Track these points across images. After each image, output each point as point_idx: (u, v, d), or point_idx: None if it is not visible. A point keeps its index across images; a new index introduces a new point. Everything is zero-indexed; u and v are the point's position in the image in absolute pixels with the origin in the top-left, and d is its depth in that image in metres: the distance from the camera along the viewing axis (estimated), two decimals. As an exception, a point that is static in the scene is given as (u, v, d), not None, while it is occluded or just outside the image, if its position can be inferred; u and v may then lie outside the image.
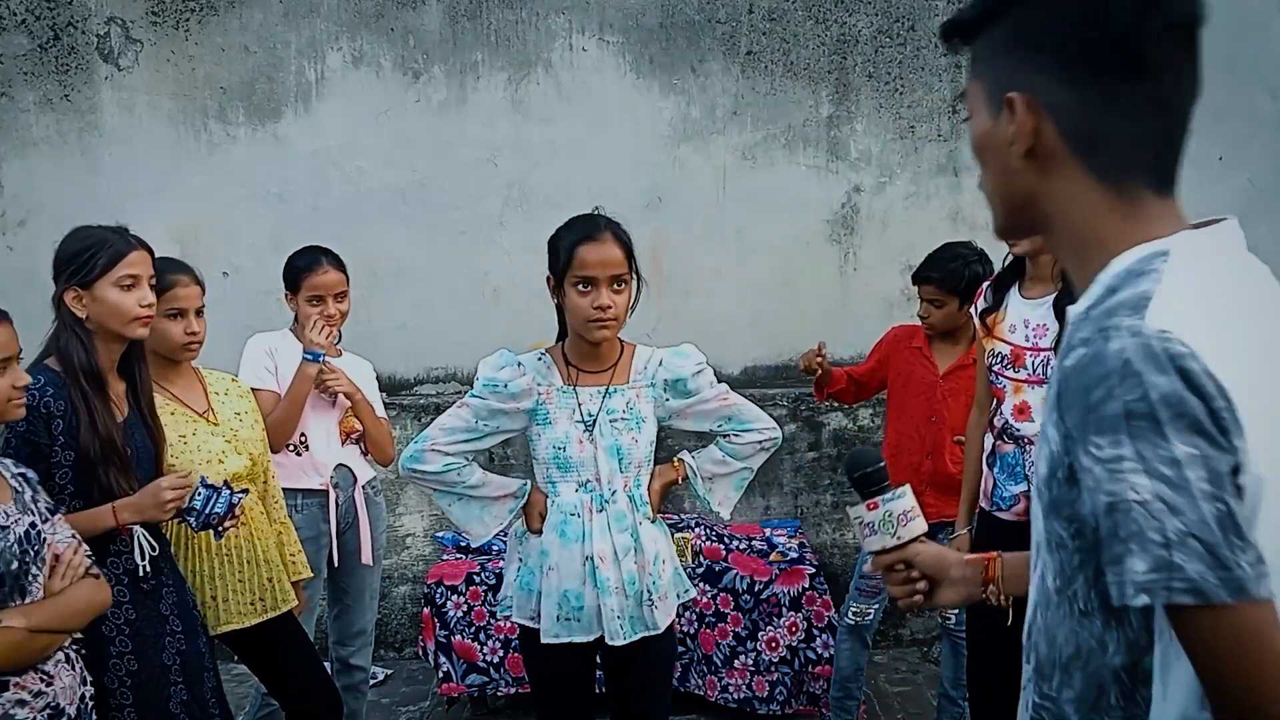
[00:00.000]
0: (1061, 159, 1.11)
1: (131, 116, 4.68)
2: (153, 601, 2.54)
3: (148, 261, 2.55)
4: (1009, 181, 1.16)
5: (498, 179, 4.77)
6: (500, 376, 2.62)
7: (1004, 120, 1.12)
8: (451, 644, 4.06)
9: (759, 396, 4.64)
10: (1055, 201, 1.13)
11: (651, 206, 4.73)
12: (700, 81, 4.76)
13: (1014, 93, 1.11)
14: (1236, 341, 0.98)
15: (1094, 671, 1.12)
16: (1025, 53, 1.10)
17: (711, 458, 2.81)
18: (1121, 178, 1.10)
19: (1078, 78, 1.08)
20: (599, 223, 2.55)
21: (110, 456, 2.43)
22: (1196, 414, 0.93)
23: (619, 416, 2.63)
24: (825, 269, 4.90)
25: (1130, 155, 1.10)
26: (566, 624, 2.59)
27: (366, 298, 4.62)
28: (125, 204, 4.48)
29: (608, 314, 2.52)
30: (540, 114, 4.74)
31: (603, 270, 2.50)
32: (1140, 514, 0.94)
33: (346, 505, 3.51)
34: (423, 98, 4.73)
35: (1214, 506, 0.93)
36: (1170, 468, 0.93)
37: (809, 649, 3.98)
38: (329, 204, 4.74)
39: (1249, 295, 1.07)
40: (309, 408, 3.38)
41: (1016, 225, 1.21)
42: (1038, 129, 1.10)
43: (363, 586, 3.61)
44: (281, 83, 4.70)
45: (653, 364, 2.69)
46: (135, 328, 2.51)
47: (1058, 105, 1.09)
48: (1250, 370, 0.97)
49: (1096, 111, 1.08)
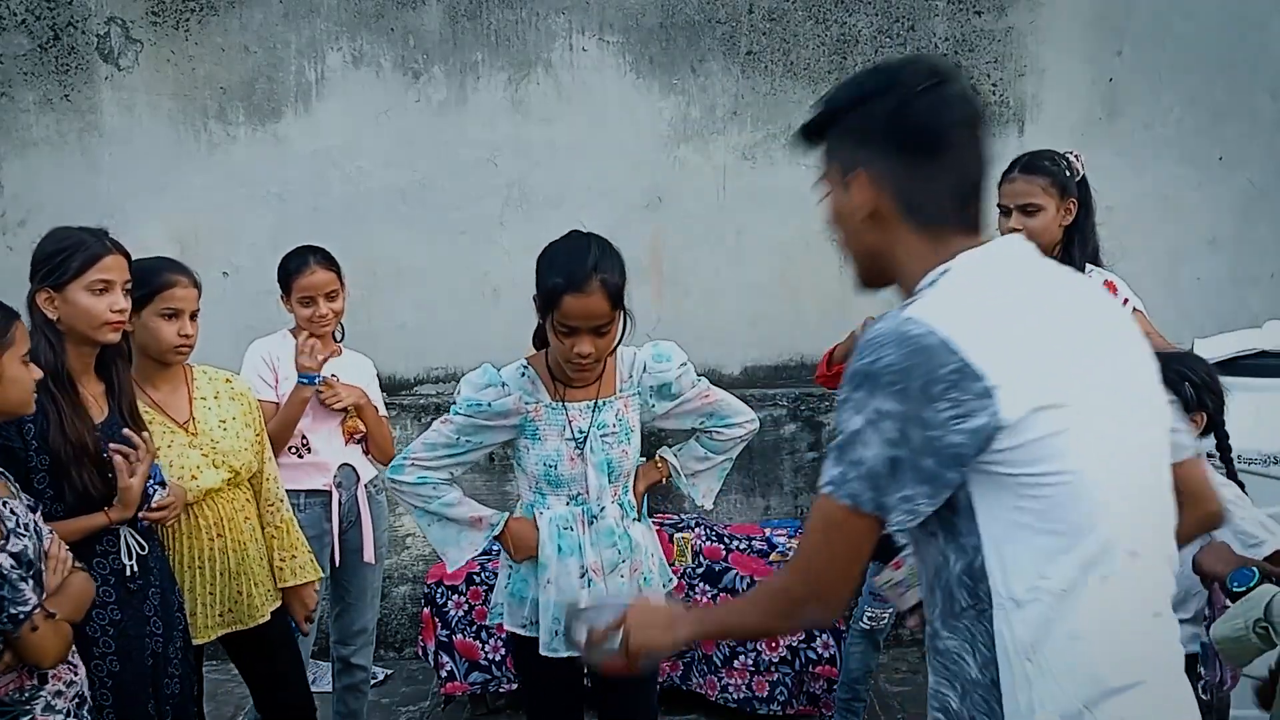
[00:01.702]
0: (893, 218, 1.47)
1: (131, 116, 4.71)
2: (138, 602, 2.53)
3: (123, 266, 2.52)
4: (859, 240, 1.52)
5: (498, 179, 4.79)
6: (483, 397, 2.59)
7: (852, 192, 1.48)
8: (453, 643, 4.10)
9: (759, 396, 4.69)
10: (894, 252, 1.48)
11: (651, 206, 4.77)
12: (700, 81, 4.79)
13: (858, 169, 1.47)
14: (985, 319, 1.33)
15: (944, 583, 1.42)
16: (859, 141, 1.47)
17: (694, 454, 2.84)
18: (934, 225, 1.45)
19: (898, 156, 1.44)
20: (587, 265, 2.41)
21: (81, 458, 2.40)
22: (907, 381, 1.30)
23: (610, 431, 2.62)
24: (826, 268, 4.88)
25: (938, 209, 1.45)
26: (564, 639, 2.55)
27: (366, 298, 4.63)
28: (125, 204, 4.55)
29: (586, 361, 2.48)
30: (540, 114, 4.77)
31: (585, 322, 2.43)
32: (844, 439, 1.37)
33: (349, 504, 3.53)
34: (423, 98, 4.76)
35: (889, 450, 1.32)
36: (874, 414, 1.33)
37: (809, 649, 4.00)
38: (329, 204, 4.76)
39: (1016, 276, 1.42)
40: (310, 411, 3.40)
41: (871, 276, 1.55)
42: (878, 195, 1.46)
43: (365, 586, 3.63)
44: (281, 83, 4.73)
45: (637, 370, 2.68)
46: (105, 332, 2.49)
47: (885, 177, 1.45)
48: (996, 337, 1.31)
49: (913, 180, 1.45)
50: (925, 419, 1.30)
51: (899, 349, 1.31)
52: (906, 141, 1.43)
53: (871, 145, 1.45)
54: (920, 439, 1.31)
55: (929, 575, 1.46)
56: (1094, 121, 4.78)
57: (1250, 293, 4.83)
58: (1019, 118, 4.81)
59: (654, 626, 1.74)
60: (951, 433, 1.30)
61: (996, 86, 4.80)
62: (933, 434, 1.30)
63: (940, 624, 1.44)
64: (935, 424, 1.30)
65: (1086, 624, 1.32)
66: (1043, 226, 3.02)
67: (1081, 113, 4.79)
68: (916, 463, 1.32)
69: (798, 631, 3.58)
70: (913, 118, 1.42)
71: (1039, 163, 3.08)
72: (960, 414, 1.29)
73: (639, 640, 1.74)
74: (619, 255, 2.52)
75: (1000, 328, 1.33)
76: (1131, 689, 1.34)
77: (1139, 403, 1.45)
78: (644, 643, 1.74)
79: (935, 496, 1.35)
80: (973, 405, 1.29)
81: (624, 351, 2.67)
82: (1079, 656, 1.33)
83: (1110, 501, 1.34)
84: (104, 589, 2.44)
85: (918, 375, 1.30)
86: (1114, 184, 4.06)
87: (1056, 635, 1.32)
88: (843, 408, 1.37)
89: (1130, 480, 1.38)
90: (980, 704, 1.39)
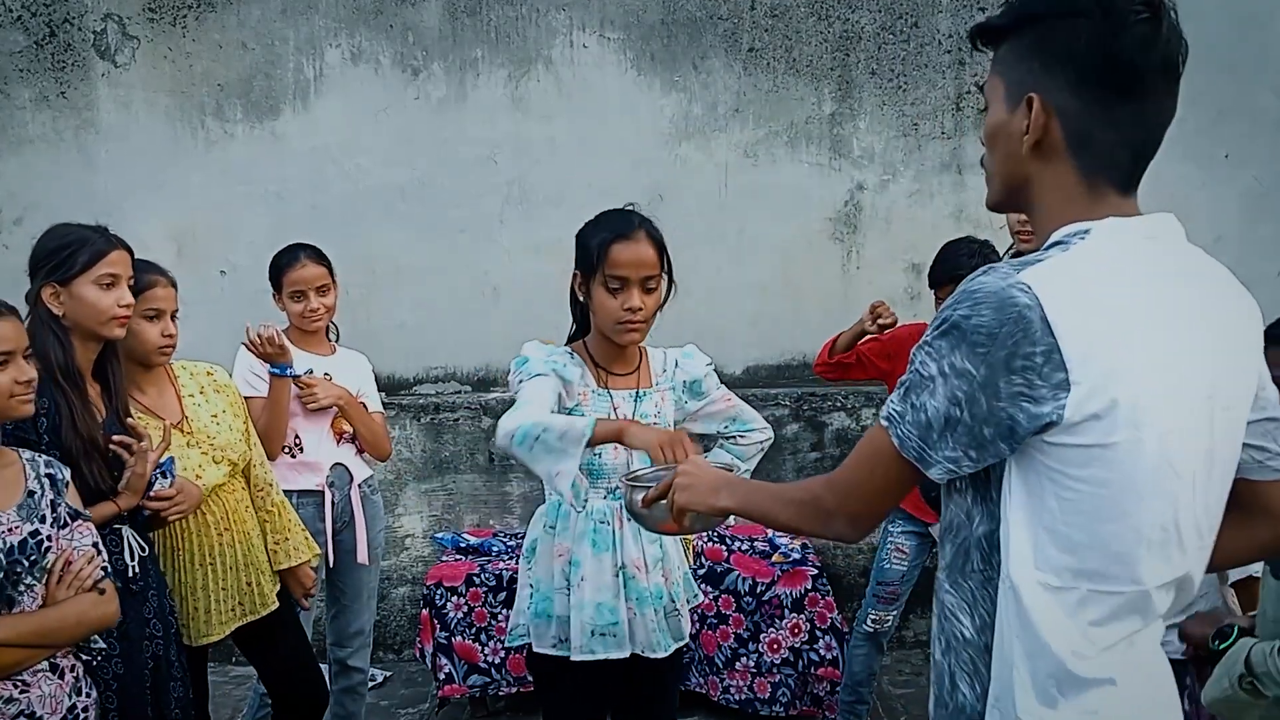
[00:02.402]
0: (1058, 153, 1.37)
1: (128, 113, 4.71)
2: (139, 604, 2.53)
3: (127, 261, 2.55)
4: (1013, 166, 1.41)
5: (498, 177, 4.79)
6: (554, 360, 2.49)
7: (1019, 114, 1.37)
8: (452, 645, 4.10)
9: (760, 396, 4.68)
10: (1044, 186, 1.40)
11: (652, 204, 4.61)
12: (702, 78, 4.79)
13: (1033, 93, 1.35)
14: (1097, 306, 1.27)
15: (962, 541, 1.42)
16: (1044, 61, 1.35)
17: (720, 462, 2.77)
18: (1096, 175, 1.37)
19: (1085, 89, 1.33)
20: (633, 220, 2.47)
21: (92, 453, 2.43)
22: (993, 347, 1.26)
23: (651, 421, 2.56)
24: (828, 267, 4.92)
25: (1109, 157, 1.36)
26: (601, 639, 2.48)
27: (365, 297, 4.67)
28: (122, 202, 4.54)
29: (637, 316, 2.45)
30: (541, 111, 4.77)
31: (635, 271, 2.43)
32: (915, 379, 1.34)
33: (343, 504, 3.52)
34: (422, 95, 4.76)
35: (951, 409, 1.30)
36: (949, 368, 1.29)
37: (812, 650, 4.01)
38: (327, 202, 4.76)
39: (1147, 271, 1.33)
40: (300, 410, 3.40)
41: (1009, 201, 1.48)
42: (1047, 125, 1.36)
43: (360, 587, 3.62)
44: (279, 80, 4.73)
45: (670, 365, 2.67)
46: (113, 327, 2.51)
47: (1064, 109, 1.34)
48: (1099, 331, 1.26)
49: (1094, 119, 1.34)
50: (998, 389, 1.27)
51: (998, 313, 1.25)
52: (1105, 75, 1.31)
53: (1060, 68, 1.33)
54: (985, 407, 1.28)
55: (944, 527, 1.46)
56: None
57: (1256, 291, 4.69)
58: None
59: (699, 487, 1.80)
60: (1015, 408, 1.27)
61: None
62: (998, 404, 1.27)
63: (945, 576, 1.45)
64: (1004, 396, 1.27)
65: (1059, 626, 1.32)
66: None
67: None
68: (974, 429, 1.30)
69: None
70: (1119, 50, 1.30)
71: None
72: (1030, 396, 1.26)
73: (684, 499, 1.82)
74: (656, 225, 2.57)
75: (1106, 322, 1.27)
76: (1098, 687, 1.33)
77: (1227, 433, 1.39)
78: (689, 501, 1.81)
79: (979, 463, 1.33)
80: (1044, 393, 1.26)
81: (654, 350, 2.67)
82: (1056, 649, 1.32)
83: (1137, 540, 1.31)
84: None
85: (1006, 345, 1.25)
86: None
87: (1037, 626, 1.32)
88: (922, 349, 1.34)
89: (1176, 521, 1.34)
90: (967, 663, 1.40)
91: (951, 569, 1.43)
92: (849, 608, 4.45)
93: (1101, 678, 1.33)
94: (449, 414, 4.81)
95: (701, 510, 1.82)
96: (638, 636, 2.52)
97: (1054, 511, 1.30)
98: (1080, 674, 1.32)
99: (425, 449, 4.82)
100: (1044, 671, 1.32)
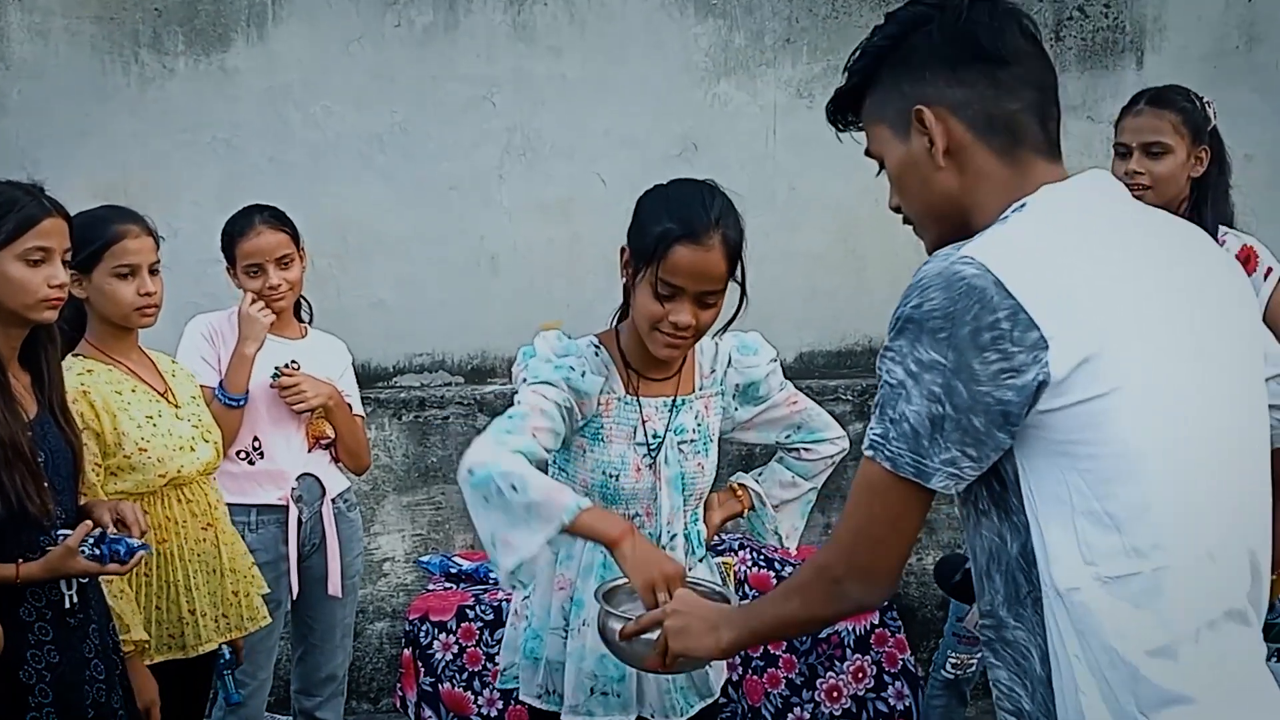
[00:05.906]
0: (971, 147, 1.55)
1: (45, 45, 4.62)
2: (77, 641, 2.50)
3: (64, 232, 2.50)
4: (934, 187, 1.58)
5: (496, 122, 4.74)
6: (569, 366, 2.41)
7: (916, 136, 1.56)
8: (439, 693, 4.06)
9: (816, 389, 4.65)
10: (971, 189, 1.56)
11: (685, 156, 4.70)
12: (745, 2, 4.74)
13: (917, 106, 1.54)
14: (1049, 261, 1.41)
15: (1005, 567, 1.50)
16: (913, 78, 1.56)
17: (779, 480, 2.73)
18: (1015, 149, 1.55)
19: (964, 73, 1.53)
20: (710, 215, 2.33)
21: (14, 461, 2.37)
22: (953, 327, 1.38)
23: (688, 438, 2.51)
24: (897, 232, 4.71)
25: (1020, 127, 1.55)
26: (603, 699, 2.43)
27: (336, 269, 4.63)
28: (37, 152, 4.47)
29: (682, 333, 2.35)
30: (547, 42, 4.72)
31: (694, 283, 2.32)
32: (886, 393, 1.46)
33: (312, 524, 3.50)
34: (403, 22, 4.69)
35: (932, 407, 1.41)
36: (916, 365, 1.41)
37: (879, 699, 4.07)
38: (289, 153, 4.70)
39: (1103, 223, 1.51)
40: (264, 407, 3.38)
41: (946, 231, 1.58)
42: (947, 128, 1.54)
43: (332, 623, 3.62)
44: (230, 3, 4.65)
45: (720, 363, 2.60)
46: (41, 310, 2.46)
47: (955, 103, 1.54)
48: (1058, 282, 1.39)
49: (986, 96, 1.54)
50: (974, 371, 1.38)
51: (946, 291, 1.38)
52: (975, 50, 1.53)
53: (930, 74, 1.54)
54: (967, 394, 1.39)
55: (987, 558, 1.54)
56: (1229, 51, 4.81)
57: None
58: (1137, 46, 4.85)
59: (695, 629, 1.86)
60: (1001, 388, 1.38)
61: (1109, 7, 4.80)
62: (981, 389, 1.38)
63: (1006, 611, 1.51)
64: (984, 378, 1.38)
65: (1129, 623, 1.39)
66: (1169, 173, 3.08)
67: (1214, 40, 4.82)
68: (961, 421, 1.40)
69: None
70: (974, 24, 1.53)
71: (1170, 95, 3.16)
72: (1011, 368, 1.37)
73: (680, 645, 1.89)
74: (740, 215, 2.43)
75: (1064, 272, 1.40)
76: (1178, 705, 1.39)
77: (1229, 376, 1.51)
78: (686, 648, 1.88)
79: (981, 461, 1.43)
80: (1023, 359, 1.37)
81: (702, 341, 2.54)
82: (1128, 654, 1.39)
83: (1172, 484, 1.41)
84: (40, 626, 2.42)
85: (965, 321, 1.37)
86: (1254, 127, 4.18)
87: (1103, 630, 1.39)
88: (883, 358, 1.46)
89: (1205, 464, 1.45)
90: (1042, 705, 1.47)
91: (1009, 600, 1.51)
92: (924, 648, 4.50)
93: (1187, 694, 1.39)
94: (437, 411, 4.77)
95: (702, 656, 1.91)
96: (648, 696, 2.47)
97: (1082, 489, 1.40)
98: (1164, 685, 1.38)
99: (408, 453, 4.77)
100: (1118, 685, 1.38)
